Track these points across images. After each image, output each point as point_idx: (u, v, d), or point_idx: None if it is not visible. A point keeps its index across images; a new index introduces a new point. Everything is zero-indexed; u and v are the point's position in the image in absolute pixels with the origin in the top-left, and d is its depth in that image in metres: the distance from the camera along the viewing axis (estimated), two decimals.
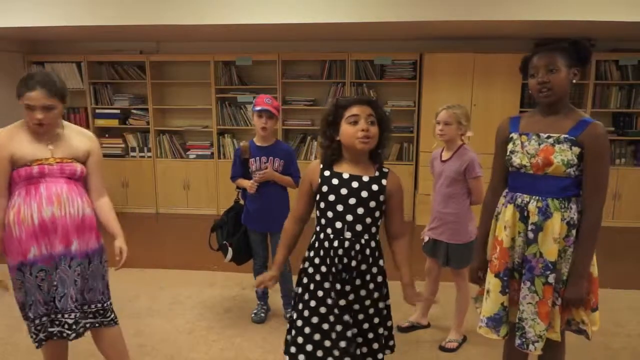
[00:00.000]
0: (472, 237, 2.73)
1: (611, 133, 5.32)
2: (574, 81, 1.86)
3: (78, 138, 2.15)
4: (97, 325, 2.20)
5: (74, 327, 2.09)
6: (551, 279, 1.84)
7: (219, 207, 5.79)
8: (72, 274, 2.06)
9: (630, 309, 3.34)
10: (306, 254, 1.93)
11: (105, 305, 2.20)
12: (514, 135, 1.93)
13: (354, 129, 1.78)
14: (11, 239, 2.01)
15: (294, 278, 2.64)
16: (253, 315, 3.20)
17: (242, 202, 3.14)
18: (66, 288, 2.05)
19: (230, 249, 3.07)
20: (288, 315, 3.11)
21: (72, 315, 2.07)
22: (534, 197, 1.87)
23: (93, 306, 2.16)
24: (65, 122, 2.17)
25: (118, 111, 5.83)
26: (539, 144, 1.85)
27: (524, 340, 1.90)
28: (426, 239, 2.89)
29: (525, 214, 1.88)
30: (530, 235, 1.87)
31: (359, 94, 5.50)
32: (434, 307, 3.10)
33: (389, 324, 2.00)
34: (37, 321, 2.07)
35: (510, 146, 1.93)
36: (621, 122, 5.43)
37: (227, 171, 5.64)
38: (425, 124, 5.23)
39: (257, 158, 2.99)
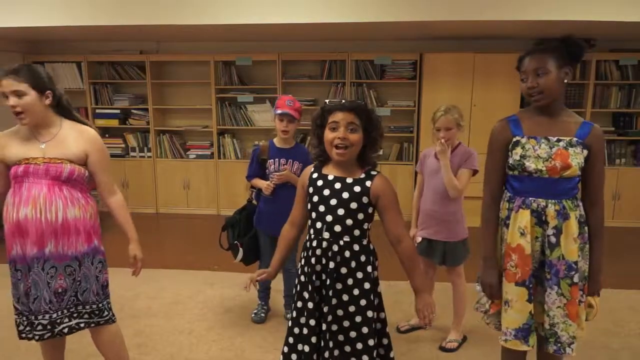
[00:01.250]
0: (466, 233, 2.76)
1: (611, 133, 5.33)
2: (566, 81, 1.86)
3: (75, 138, 2.11)
4: (92, 325, 2.20)
5: (49, 327, 2.09)
6: (576, 278, 1.86)
7: (219, 207, 5.80)
8: (45, 276, 2.04)
9: (630, 309, 3.34)
10: (301, 255, 1.94)
11: (100, 305, 2.19)
12: (522, 140, 1.89)
13: (332, 136, 1.77)
14: (4, 235, 2.07)
15: None
16: (253, 315, 3.20)
17: (255, 202, 3.10)
18: (39, 291, 2.05)
19: (240, 249, 3.04)
20: (288, 316, 3.12)
21: (47, 317, 2.08)
22: (550, 200, 1.86)
23: (87, 307, 2.16)
24: (68, 122, 2.16)
25: (118, 111, 5.83)
26: (551, 148, 1.85)
27: (559, 345, 1.89)
28: (419, 239, 2.85)
29: (543, 218, 1.87)
30: (553, 239, 1.87)
31: (359, 94, 5.50)
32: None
33: (384, 341, 1.90)
34: (15, 316, 2.13)
35: (519, 150, 1.89)
36: (621, 122, 5.44)
37: (227, 171, 5.73)
38: (425, 124, 5.23)
39: (276, 160, 2.96)
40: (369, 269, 1.84)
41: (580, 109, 5.22)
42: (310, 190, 1.85)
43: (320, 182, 1.84)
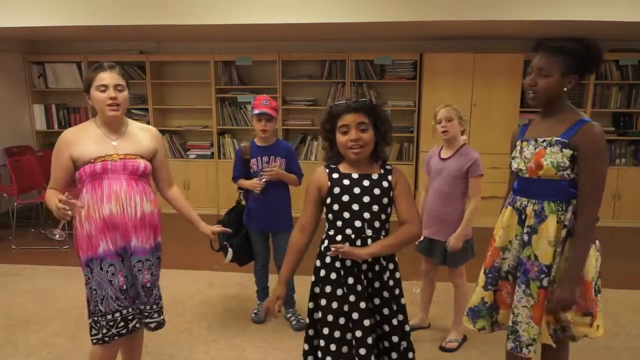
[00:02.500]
0: (468, 235, 2.74)
1: (611, 133, 5.33)
2: (565, 89, 1.82)
3: (143, 135, 2.18)
4: (164, 322, 2.25)
5: (154, 316, 2.19)
6: (545, 282, 1.83)
7: (219, 207, 5.80)
8: (132, 269, 2.10)
9: (631, 309, 3.34)
10: (318, 263, 1.88)
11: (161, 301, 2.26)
12: (518, 143, 1.97)
13: (345, 139, 1.79)
14: (82, 235, 2.05)
15: (299, 280, 2.59)
16: (253, 315, 3.20)
17: (243, 203, 3.12)
18: (132, 279, 2.10)
19: (230, 250, 3.06)
20: (288, 315, 3.12)
21: (148, 307, 2.16)
22: (531, 200, 1.88)
23: (160, 302, 2.23)
24: (129, 120, 2.20)
25: None
26: (535, 148, 1.86)
27: (517, 343, 1.89)
28: (420, 238, 2.85)
29: (523, 217, 1.89)
30: (525, 237, 1.88)
31: (359, 94, 5.50)
32: (433, 307, 3.10)
33: (406, 327, 1.92)
34: (109, 316, 2.06)
35: (513, 153, 1.98)
36: (621, 122, 5.44)
37: (227, 171, 5.70)
38: (425, 124, 5.23)
39: (259, 158, 2.98)
40: (396, 258, 1.91)
41: (580, 109, 5.18)
42: (336, 190, 1.82)
43: (347, 182, 1.83)
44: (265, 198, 2.96)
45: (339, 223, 1.83)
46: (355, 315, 1.79)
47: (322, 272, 1.85)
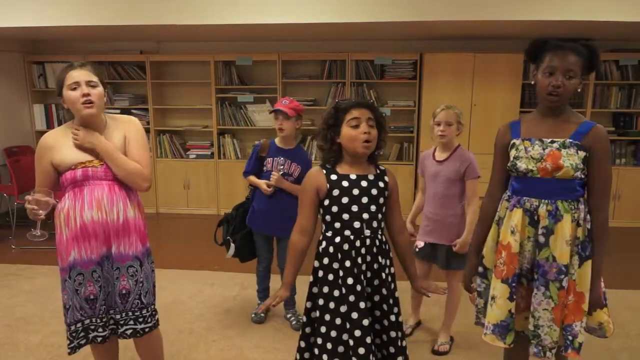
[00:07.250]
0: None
1: (611, 133, 5.32)
2: (579, 90, 1.83)
3: (116, 132, 2.09)
4: (154, 328, 2.17)
5: (118, 325, 2.10)
6: (565, 282, 1.82)
7: (219, 207, 5.80)
8: (112, 276, 2.05)
9: (630, 309, 3.34)
10: (316, 264, 1.89)
11: (154, 306, 2.20)
12: (517, 142, 1.91)
13: (356, 132, 1.80)
14: (61, 240, 2.02)
15: (299, 280, 2.59)
16: (253, 315, 3.20)
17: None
18: (110, 287, 2.06)
19: (232, 245, 3.05)
20: (289, 315, 3.13)
21: (124, 315, 2.09)
22: (543, 200, 1.85)
23: (150, 308, 2.14)
24: (107, 119, 2.13)
25: (118, 111, 5.81)
26: (544, 149, 1.84)
27: (540, 348, 1.86)
28: (421, 244, 2.80)
29: (535, 218, 1.86)
30: (542, 239, 1.85)
31: (360, 94, 5.50)
32: (431, 308, 3.10)
33: (400, 319, 1.97)
34: (72, 327, 2.06)
35: (513, 152, 1.90)
36: (621, 122, 5.44)
37: (227, 171, 5.73)
38: (425, 124, 5.22)
39: (274, 159, 2.96)
40: (391, 254, 1.96)
41: (580, 109, 5.21)
42: (335, 192, 1.83)
43: (345, 183, 1.84)
44: (273, 200, 2.94)
45: (337, 225, 1.84)
46: (354, 315, 1.80)
47: (320, 273, 1.87)
